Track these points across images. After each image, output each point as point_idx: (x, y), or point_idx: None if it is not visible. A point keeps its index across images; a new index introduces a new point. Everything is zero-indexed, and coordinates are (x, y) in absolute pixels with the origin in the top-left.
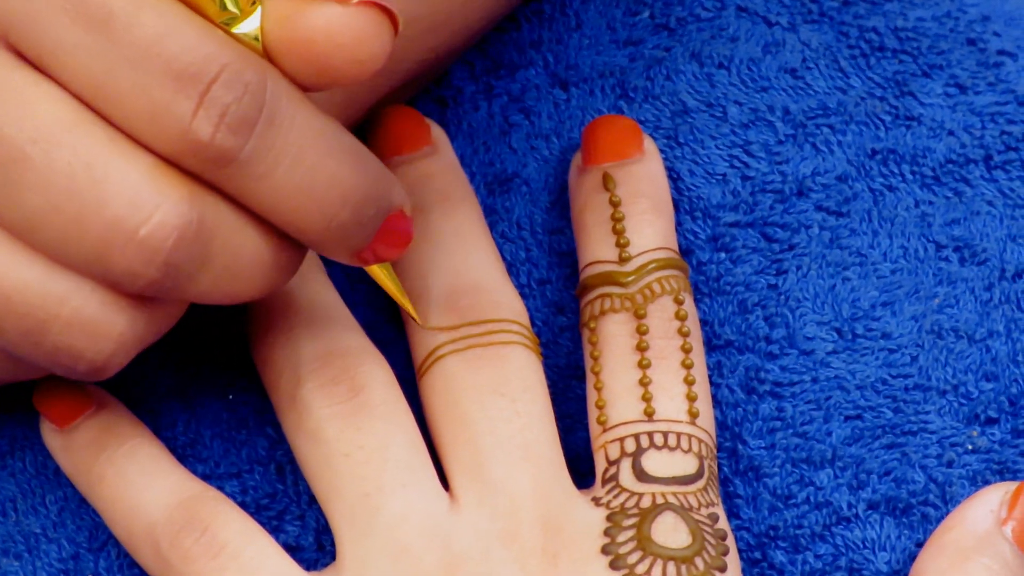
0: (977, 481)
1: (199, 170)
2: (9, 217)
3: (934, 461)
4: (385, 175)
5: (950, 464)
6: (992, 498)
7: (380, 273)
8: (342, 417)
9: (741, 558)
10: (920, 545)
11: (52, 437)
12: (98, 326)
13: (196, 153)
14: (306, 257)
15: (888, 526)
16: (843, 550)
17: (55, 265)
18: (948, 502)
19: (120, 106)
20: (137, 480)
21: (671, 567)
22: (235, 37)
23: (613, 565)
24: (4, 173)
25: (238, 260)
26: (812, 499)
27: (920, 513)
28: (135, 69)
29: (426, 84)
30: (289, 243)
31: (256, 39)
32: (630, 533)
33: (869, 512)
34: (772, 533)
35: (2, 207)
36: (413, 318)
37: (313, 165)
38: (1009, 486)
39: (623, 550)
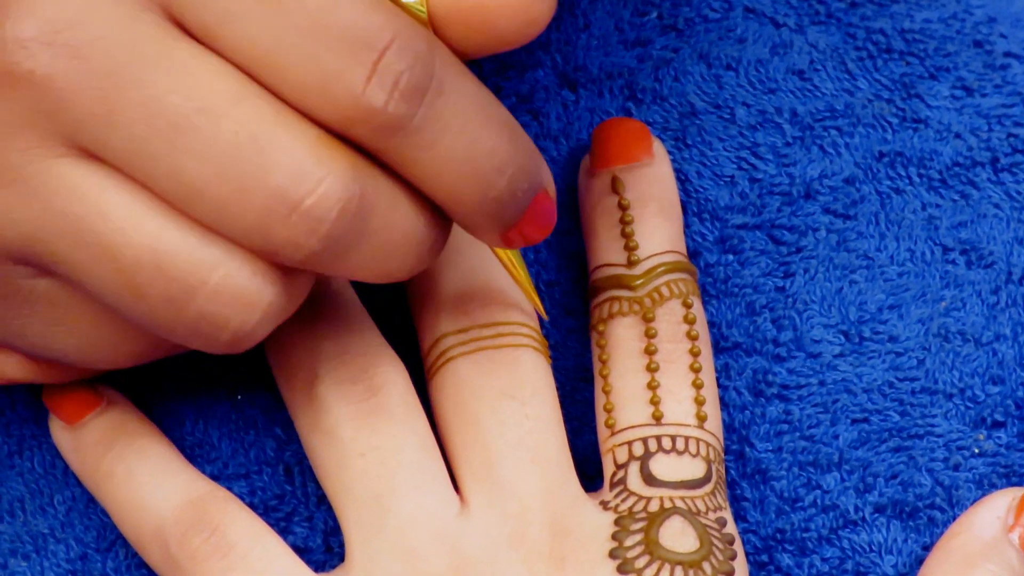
0: (984, 484)
1: (367, 140)
2: (167, 185)
3: (941, 464)
4: (536, 152)
5: (956, 467)
6: (999, 504)
7: (512, 262)
8: (358, 417)
9: (748, 561)
10: (927, 548)
11: (61, 435)
12: (247, 295)
13: (368, 121)
14: None
15: (895, 529)
16: (850, 553)
17: (208, 233)
18: (955, 505)
19: (288, 76)
20: (146, 479)
21: (679, 571)
22: (401, 6)
23: (621, 569)
24: (169, 142)
25: (393, 236)
26: (819, 502)
27: (927, 516)
28: (306, 38)
29: None
30: (439, 221)
31: (421, 8)
32: (638, 537)
33: (876, 515)
34: (779, 536)
35: (161, 175)
36: (539, 311)
37: (475, 135)
38: (1016, 492)
39: (631, 554)
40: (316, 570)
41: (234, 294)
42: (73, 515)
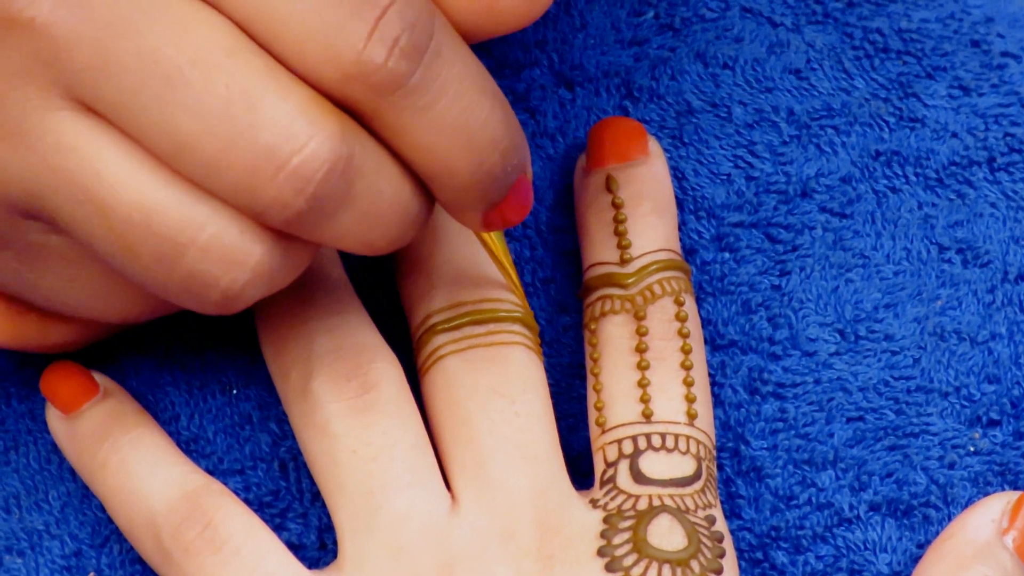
0: (979, 483)
1: (363, 99)
2: (158, 140)
3: (936, 463)
4: (522, 130)
5: (952, 466)
6: (994, 507)
7: (495, 246)
8: (351, 413)
9: (743, 558)
10: (921, 547)
11: (57, 424)
12: (235, 253)
13: (366, 77)
14: (324, 251)
15: (889, 528)
16: (844, 551)
17: (197, 190)
18: (950, 504)
19: (288, 29)
20: (140, 469)
21: (666, 570)
22: None
23: (608, 567)
24: (160, 93)
25: (378, 203)
26: (814, 500)
27: (921, 515)
28: None
29: None
30: (424, 194)
31: None
32: (626, 535)
33: (871, 513)
34: (774, 534)
35: (152, 129)
36: (520, 298)
37: (471, 104)
38: (1011, 496)
39: (619, 552)
40: (310, 567)
41: (223, 252)
42: (68, 511)
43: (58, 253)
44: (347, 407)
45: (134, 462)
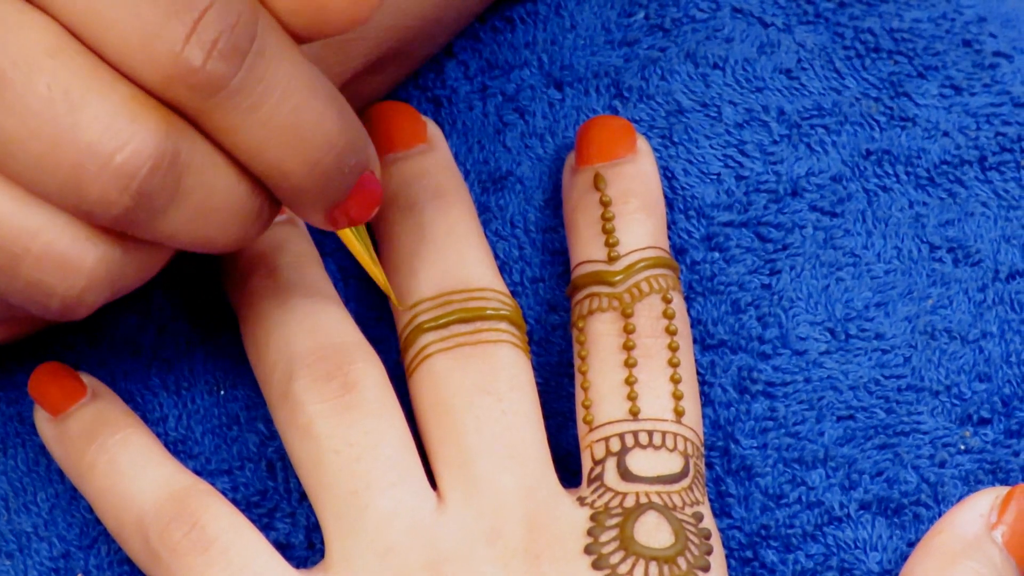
0: (969, 481)
1: (186, 101)
2: None
3: (926, 461)
4: (363, 130)
5: (942, 464)
6: (982, 502)
7: (355, 243)
8: (334, 413)
9: (732, 557)
10: (912, 545)
11: (45, 425)
12: (69, 260)
13: (186, 79)
14: (303, 250)
15: (880, 526)
16: (834, 550)
17: (30, 197)
18: (940, 502)
19: (109, 32)
20: (128, 470)
21: (653, 567)
22: None
23: (595, 565)
24: None
25: (210, 200)
26: (804, 499)
27: (912, 513)
28: None
29: (400, 78)
30: (263, 192)
31: None
32: (613, 533)
33: (861, 512)
34: (764, 532)
35: None
36: (387, 292)
37: (300, 104)
38: (1000, 491)
39: (606, 550)
40: (298, 567)
41: (56, 260)
42: (56, 512)
43: None
44: (329, 407)
45: (122, 463)
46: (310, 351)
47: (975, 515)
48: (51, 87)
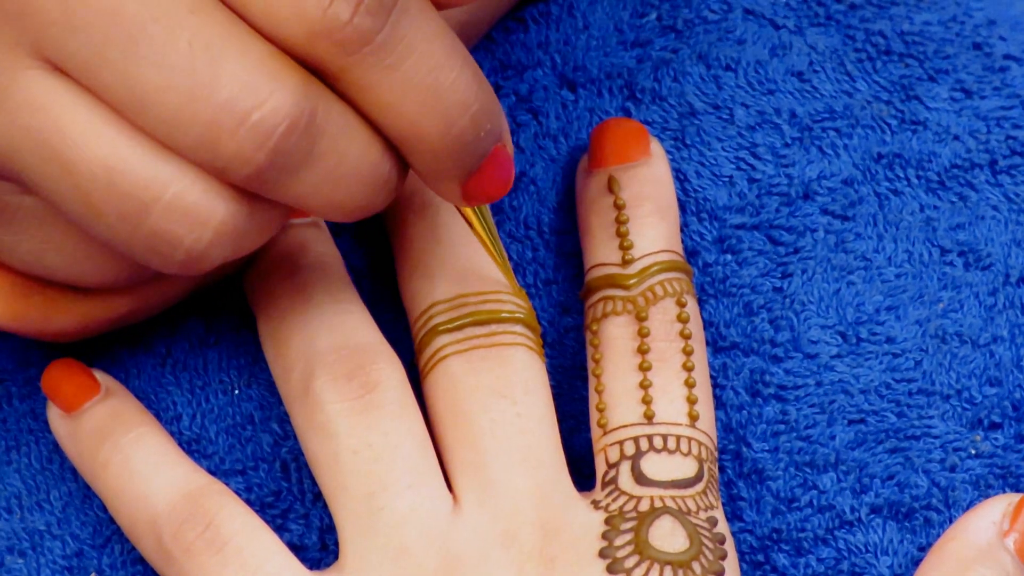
0: (980, 486)
1: (327, 57)
2: (122, 96)
3: (937, 466)
4: (496, 98)
5: (953, 469)
6: (995, 509)
7: (478, 227)
8: (353, 413)
9: (744, 561)
10: (923, 550)
11: (59, 423)
12: (199, 212)
13: (331, 34)
14: (326, 251)
15: (891, 530)
16: (846, 554)
17: (161, 148)
18: (951, 507)
19: None
20: (142, 469)
21: (668, 571)
22: None
23: (610, 569)
24: (123, 49)
25: (344, 164)
26: (815, 503)
27: (923, 517)
28: None
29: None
30: (394, 158)
31: None
32: (627, 537)
33: (872, 516)
34: (775, 536)
35: (116, 85)
36: (510, 281)
37: (439, 64)
38: (1012, 498)
39: (620, 554)
40: (311, 568)
41: (186, 211)
42: (69, 511)
43: (32, 214)
44: (349, 407)
45: (136, 462)
46: (331, 350)
47: (987, 522)
48: (192, 43)
